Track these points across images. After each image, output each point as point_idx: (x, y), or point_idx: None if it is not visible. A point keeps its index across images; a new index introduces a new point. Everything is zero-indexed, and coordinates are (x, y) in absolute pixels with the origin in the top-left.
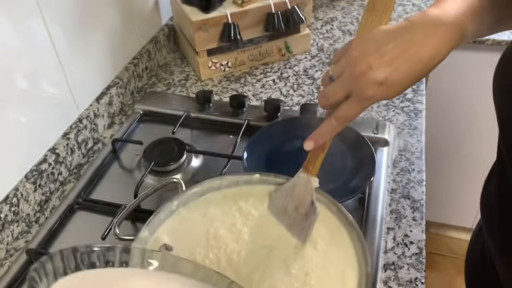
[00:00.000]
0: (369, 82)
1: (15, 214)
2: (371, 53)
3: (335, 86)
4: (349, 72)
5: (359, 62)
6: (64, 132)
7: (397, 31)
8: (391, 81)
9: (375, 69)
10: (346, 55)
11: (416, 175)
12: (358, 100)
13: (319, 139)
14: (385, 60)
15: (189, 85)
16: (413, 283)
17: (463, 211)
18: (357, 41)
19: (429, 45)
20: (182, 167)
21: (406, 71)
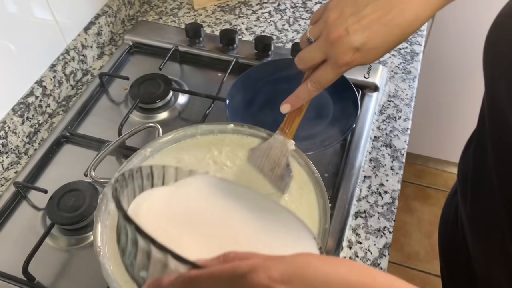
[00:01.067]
0: (345, 47)
1: (3, 146)
2: (348, 15)
3: (312, 49)
4: (325, 36)
5: (336, 25)
6: (51, 64)
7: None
8: (368, 46)
9: (352, 34)
10: (324, 16)
11: (402, 123)
12: (334, 65)
13: (295, 103)
14: (363, 23)
15: (181, 15)
16: (381, 231)
17: (461, 148)
18: (336, 1)
19: (409, 9)
20: (168, 105)
21: (384, 36)
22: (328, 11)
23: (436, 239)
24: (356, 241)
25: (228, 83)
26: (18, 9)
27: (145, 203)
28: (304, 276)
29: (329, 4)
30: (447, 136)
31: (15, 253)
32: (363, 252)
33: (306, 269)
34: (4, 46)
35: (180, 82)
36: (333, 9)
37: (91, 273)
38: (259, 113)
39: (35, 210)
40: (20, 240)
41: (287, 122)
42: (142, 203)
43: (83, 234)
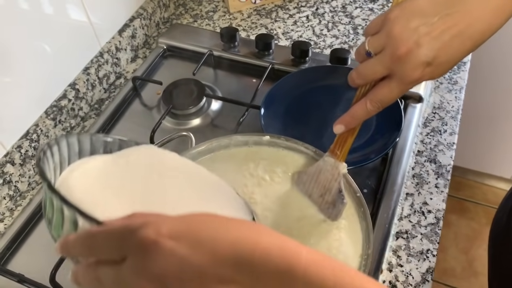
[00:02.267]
0: (416, 63)
1: (35, 149)
2: (416, 27)
3: (374, 64)
4: (392, 50)
5: (403, 39)
6: (84, 66)
7: (446, 1)
8: (439, 60)
9: (422, 47)
10: (386, 28)
11: (447, 137)
12: (400, 83)
13: (350, 123)
14: (433, 35)
15: (217, 18)
16: (424, 254)
17: (503, 162)
18: (398, 11)
19: (482, 19)
20: (201, 111)
21: (456, 48)
22: (391, 23)
23: (473, 255)
24: (396, 264)
25: (263, 90)
26: (54, 11)
27: (79, 169)
28: (193, 232)
29: (390, 15)
30: (488, 148)
31: (43, 259)
32: (404, 276)
33: (196, 225)
34: (40, 48)
35: (214, 88)
36: (397, 20)
37: None
38: (296, 123)
39: None
40: (49, 246)
41: (338, 143)
42: (76, 169)
43: None
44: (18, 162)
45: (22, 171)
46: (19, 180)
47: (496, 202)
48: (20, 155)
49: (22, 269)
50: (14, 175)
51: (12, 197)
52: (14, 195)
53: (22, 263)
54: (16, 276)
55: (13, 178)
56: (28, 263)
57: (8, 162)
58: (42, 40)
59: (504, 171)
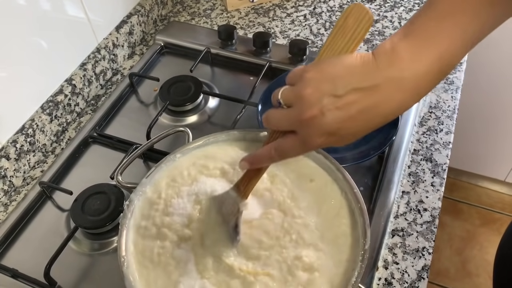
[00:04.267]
0: (318, 131)
1: (31, 144)
2: (326, 94)
3: (280, 117)
4: (298, 112)
5: (311, 104)
6: (81, 62)
7: (361, 72)
8: (343, 132)
9: (326, 117)
10: (299, 86)
11: (443, 136)
12: (303, 144)
13: (254, 164)
14: (340, 106)
15: (214, 16)
16: (419, 252)
17: (497, 163)
18: (314, 72)
19: (394, 99)
20: (198, 108)
21: (362, 123)
22: (304, 83)
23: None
24: (392, 261)
25: (261, 87)
26: (51, 6)
27: None
28: None
29: (306, 74)
30: (483, 150)
31: (37, 255)
32: (399, 274)
33: None
34: (36, 43)
35: (211, 85)
36: (310, 82)
37: (113, 281)
38: None
39: (60, 211)
40: (43, 242)
41: (244, 180)
42: None
43: (107, 239)
44: (13, 157)
45: (17, 166)
46: (14, 175)
47: (490, 204)
48: (15, 150)
49: (16, 264)
50: (9, 170)
51: (7, 192)
52: (8, 190)
53: (16, 258)
54: (10, 271)
55: (8, 173)
56: (22, 258)
57: (3, 157)
58: (39, 36)
59: (498, 173)
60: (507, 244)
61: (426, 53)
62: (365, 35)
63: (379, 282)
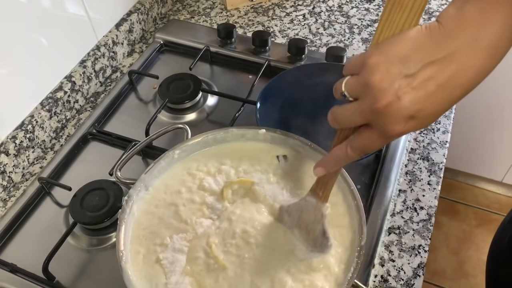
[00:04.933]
0: (397, 117)
1: (30, 140)
2: (397, 76)
3: (351, 113)
4: (370, 102)
5: (382, 90)
6: (81, 59)
7: (431, 44)
8: (424, 113)
9: (404, 100)
10: (364, 75)
11: (440, 135)
12: (382, 136)
13: (331, 167)
14: (416, 85)
15: (214, 15)
16: (416, 250)
17: (494, 164)
18: (378, 56)
19: (471, 64)
20: (197, 106)
21: (443, 99)
22: (370, 70)
23: (464, 257)
24: (388, 259)
25: (259, 86)
26: (52, 4)
27: None
28: None
29: (369, 60)
30: (480, 150)
31: (35, 250)
32: (395, 271)
33: None
34: (36, 40)
35: (210, 83)
36: (376, 68)
37: (111, 276)
38: (291, 119)
39: (58, 207)
40: (42, 237)
41: (320, 184)
42: None
43: (106, 235)
44: (13, 153)
45: (16, 162)
46: (13, 170)
47: (486, 205)
48: (14, 146)
49: (15, 259)
50: (8, 166)
51: (6, 187)
52: (7, 186)
53: (14, 253)
54: (9, 266)
55: (7, 169)
56: (21, 253)
57: (3, 152)
58: (39, 33)
59: (495, 174)
60: (499, 240)
61: (497, 9)
62: (426, 4)
63: (375, 279)
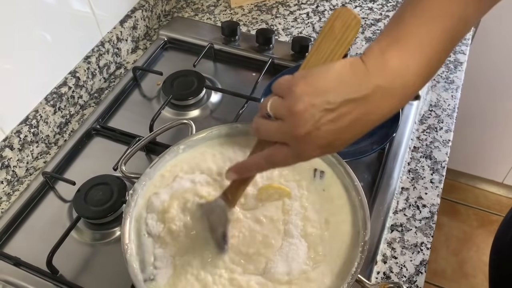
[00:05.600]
0: (314, 145)
1: (34, 135)
2: (318, 108)
3: (272, 130)
4: (291, 128)
5: (304, 120)
6: (85, 55)
7: (353, 82)
8: (337, 143)
9: (321, 131)
10: (289, 101)
11: (443, 134)
12: (296, 156)
13: (242, 173)
14: (334, 119)
15: (218, 12)
16: (418, 247)
17: (495, 165)
18: (304, 86)
19: (385, 105)
20: (201, 102)
21: (355, 131)
22: (294, 98)
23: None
24: (391, 256)
25: (263, 83)
26: (56, 0)
27: None
28: None
29: (295, 88)
30: (481, 151)
31: (39, 243)
32: (398, 268)
33: None
34: (40, 36)
35: (214, 80)
36: (301, 97)
37: (115, 270)
38: None
39: (62, 201)
40: (46, 231)
41: (232, 188)
42: None
43: (109, 229)
44: (17, 147)
45: (20, 156)
46: (17, 165)
47: (487, 206)
48: (19, 140)
49: (19, 252)
50: (12, 160)
51: (10, 181)
52: (11, 180)
53: (18, 246)
54: (13, 259)
55: (11, 163)
56: (24, 247)
57: (7, 147)
58: (44, 28)
59: (496, 175)
60: (502, 237)
61: (416, 60)
62: (353, 39)
63: (377, 275)
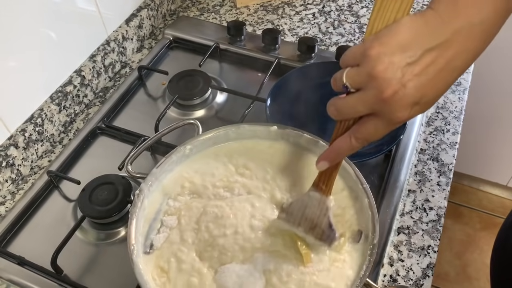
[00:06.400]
0: (403, 104)
1: (39, 134)
2: (399, 65)
3: (355, 103)
4: (375, 92)
5: (387, 79)
6: (91, 54)
7: (428, 31)
8: (427, 98)
9: (409, 88)
10: (367, 66)
11: (450, 136)
12: (387, 123)
13: (334, 159)
14: (418, 72)
15: (223, 12)
16: (425, 250)
17: (499, 168)
18: (379, 47)
19: (466, 49)
20: (206, 102)
21: (442, 83)
22: (372, 61)
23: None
24: (398, 259)
25: (269, 84)
26: None
27: None
28: None
29: (370, 52)
30: (485, 154)
31: (43, 243)
32: (405, 271)
33: None
34: (45, 34)
35: (219, 80)
36: (378, 59)
37: (120, 270)
38: (300, 117)
39: (67, 201)
40: (50, 230)
41: (323, 178)
42: None
43: (114, 229)
44: (22, 146)
45: (25, 155)
46: (21, 163)
47: (491, 209)
48: (24, 139)
49: (23, 251)
50: (17, 159)
51: (14, 180)
52: (16, 179)
53: (23, 245)
54: (17, 258)
55: (16, 162)
56: (29, 246)
57: (12, 145)
58: (50, 27)
59: (500, 178)
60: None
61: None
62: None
63: (384, 278)
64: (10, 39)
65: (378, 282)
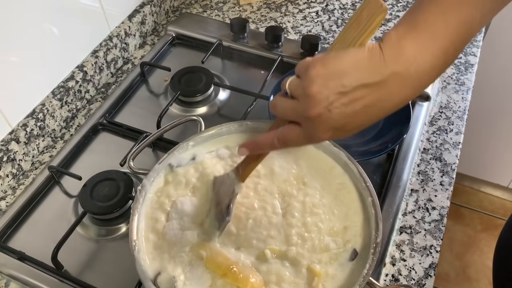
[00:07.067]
0: (324, 127)
1: (41, 129)
2: (332, 91)
3: (287, 108)
4: (304, 107)
5: (316, 101)
6: (93, 49)
7: (368, 67)
8: (347, 127)
9: (333, 114)
10: (305, 82)
11: (453, 136)
12: (308, 137)
13: (254, 150)
14: (347, 102)
15: (226, 9)
16: (427, 250)
17: (500, 169)
18: (320, 68)
19: (399, 94)
20: (209, 99)
21: (367, 117)
22: (308, 79)
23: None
24: (400, 258)
25: (272, 81)
26: None
27: None
28: None
29: (311, 70)
30: (487, 155)
31: (44, 238)
32: (407, 270)
33: None
34: (48, 29)
35: (222, 77)
36: (316, 78)
37: (120, 266)
38: None
39: (68, 196)
40: (51, 226)
41: (243, 163)
42: None
43: (115, 225)
44: (23, 141)
45: (26, 150)
46: (23, 158)
47: (492, 210)
48: (25, 134)
49: (23, 247)
50: (18, 153)
51: (15, 175)
52: (17, 174)
53: (23, 241)
54: (17, 253)
55: (17, 156)
56: (29, 242)
57: (13, 140)
58: (52, 22)
59: (501, 179)
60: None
61: (431, 49)
62: (377, 27)
63: (386, 278)
64: (13, 34)
65: (380, 281)
